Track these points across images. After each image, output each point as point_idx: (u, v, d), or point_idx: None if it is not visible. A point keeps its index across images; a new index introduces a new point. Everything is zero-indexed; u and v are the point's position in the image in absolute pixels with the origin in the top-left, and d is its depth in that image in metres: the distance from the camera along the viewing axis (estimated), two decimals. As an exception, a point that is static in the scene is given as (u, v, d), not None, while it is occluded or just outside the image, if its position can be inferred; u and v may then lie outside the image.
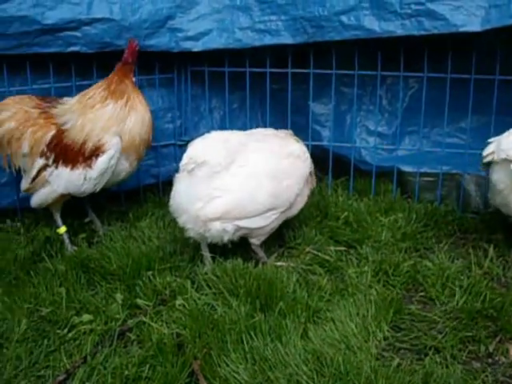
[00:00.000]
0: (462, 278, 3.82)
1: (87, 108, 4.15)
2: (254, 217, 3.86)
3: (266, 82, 4.94)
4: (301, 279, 3.82)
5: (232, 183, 3.80)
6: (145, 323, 3.47)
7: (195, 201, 3.78)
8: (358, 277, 3.85)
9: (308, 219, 4.53)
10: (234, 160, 3.83)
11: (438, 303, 3.65)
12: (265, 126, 4.80)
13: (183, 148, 4.54)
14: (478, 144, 4.36)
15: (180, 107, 5.13)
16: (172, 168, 4.94)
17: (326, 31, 4.48)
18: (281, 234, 4.33)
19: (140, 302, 3.67)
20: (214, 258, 3.96)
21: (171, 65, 4.98)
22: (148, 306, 3.63)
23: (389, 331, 3.40)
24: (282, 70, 4.90)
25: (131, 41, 4.25)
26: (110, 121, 4.12)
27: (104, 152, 4.10)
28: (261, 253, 4.06)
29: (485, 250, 4.18)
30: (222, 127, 5.07)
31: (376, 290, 3.69)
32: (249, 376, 3.03)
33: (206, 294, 3.67)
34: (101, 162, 4.11)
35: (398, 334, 3.39)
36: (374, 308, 3.49)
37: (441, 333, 3.37)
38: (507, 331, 3.36)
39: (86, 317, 3.53)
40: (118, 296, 3.70)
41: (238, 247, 4.02)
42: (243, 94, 5.07)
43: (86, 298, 3.69)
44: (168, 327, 3.42)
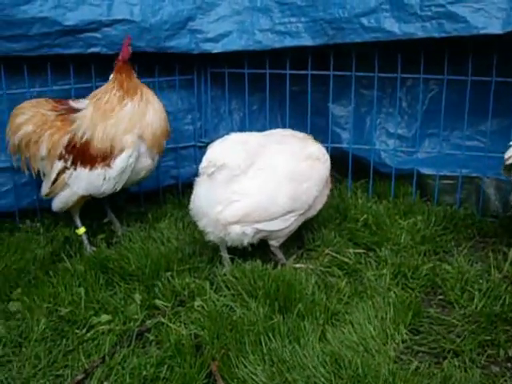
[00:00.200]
0: (481, 281, 3.80)
1: (107, 113, 4.12)
2: (274, 219, 3.86)
3: (285, 84, 4.92)
4: (319, 281, 3.81)
5: (251, 186, 3.80)
6: (163, 324, 3.48)
7: (215, 204, 3.78)
8: (376, 279, 3.84)
9: (327, 221, 4.52)
10: (253, 162, 3.84)
11: (456, 307, 3.63)
12: (284, 128, 4.78)
13: (203, 150, 4.52)
14: (497, 147, 4.34)
15: (200, 109, 5.13)
16: (192, 169, 4.96)
17: (347, 33, 4.46)
18: (300, 236, 4.33)
19: (158, 302, 3.68)
20: (232, 260, 3.96)
21: (191, 66, 4.98)
22: (166, 306, 3.64)
23: (407, 334, 3.39)
24: (301, 72, 4.89)
25: (127, 37, 4.22)
26: (132, 120, 4.11)
27: (122, 150, 4.10)
28: (280, 254, 4.06)
29: (504, 254, 4.14)
30: (242, 129, 5.06)
31: (395, 292, 3.68)
32: (267, 377, 3.03)
33: (225, 296, 3.68)
34: (120, 161, 4.10)
35: (417, 337, 3.38)
36: (392, 311, 3.48)
37: (459, 336, 3.35)
38: (527, 336, 3.35)
39: (105, 317, 3.54)
40: (137, 296, 3.72)
41: (256, 249, 4.02)
42: (263, 96, 5.07)
43: (105, 298, 3.71)
44: (186, 328, 3.42)
